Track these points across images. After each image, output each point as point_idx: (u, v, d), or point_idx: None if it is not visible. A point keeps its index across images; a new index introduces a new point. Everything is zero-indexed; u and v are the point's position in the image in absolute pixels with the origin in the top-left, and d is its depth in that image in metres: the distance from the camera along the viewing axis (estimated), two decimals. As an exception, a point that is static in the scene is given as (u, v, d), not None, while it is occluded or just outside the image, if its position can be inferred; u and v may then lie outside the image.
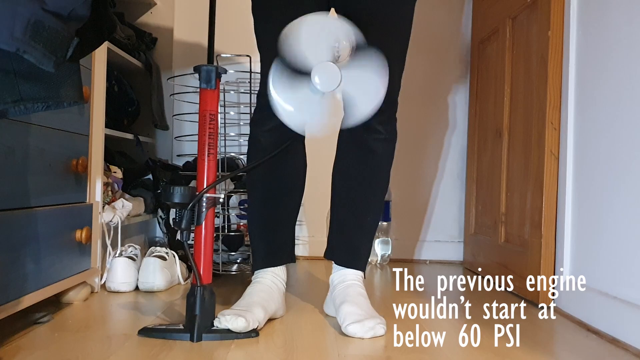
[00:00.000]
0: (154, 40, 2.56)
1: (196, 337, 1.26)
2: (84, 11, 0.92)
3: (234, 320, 1.27)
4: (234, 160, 2.18)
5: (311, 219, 2.64)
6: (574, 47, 1.69)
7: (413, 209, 2.70)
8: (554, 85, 1.74)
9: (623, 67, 1.44)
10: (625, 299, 1.38)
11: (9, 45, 0.82)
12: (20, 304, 1.22)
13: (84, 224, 1.54)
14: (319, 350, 1.23)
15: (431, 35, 2.67)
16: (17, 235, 1.22)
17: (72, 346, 1.20)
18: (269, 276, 1.48)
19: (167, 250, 1.88)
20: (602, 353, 1.31)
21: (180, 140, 2.56)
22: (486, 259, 2.25)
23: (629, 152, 1.40)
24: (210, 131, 1.32)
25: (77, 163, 1.49)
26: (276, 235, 1.52)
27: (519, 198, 1.97)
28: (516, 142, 2.02)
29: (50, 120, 1.37)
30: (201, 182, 1.32)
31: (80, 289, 1.59)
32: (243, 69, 2.50)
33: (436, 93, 2.70)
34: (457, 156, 2.70)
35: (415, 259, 2.70)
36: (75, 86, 1.01)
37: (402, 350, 1.24)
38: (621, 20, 1.46)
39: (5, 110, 0.95)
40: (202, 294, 1.28)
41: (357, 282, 1.48)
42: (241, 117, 2.59)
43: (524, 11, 1.98)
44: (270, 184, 1.51)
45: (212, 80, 1.33)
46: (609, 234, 1.47)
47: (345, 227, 1.52)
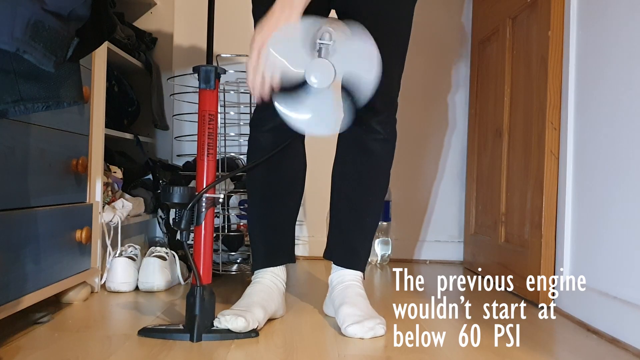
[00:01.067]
0: (154, 40, 2.56)
1: (196, 337, 1.26)
2: (84, 11, 0.92)
3: (234, 320, 1.27)
4: (234, 160, 2.18)
5: (311, 219, 2.64)
6: (574, 47, 1.69)
7: (413, 209, 2.70)
8: (554, 85, 1.74)
9: (623, 67, 1.44)
10: (625, 299, 1.38)
11: (9, 45, 0.82)
12: (20, 304, 1.22)
13: (84, 224, 1.54)
14: (319, 350, 1.23)
15: (431, 35, 2.67)
16: (17, 235, 1.22)
17: (72, 346, 1.20)
18: (268, 276, 1.48)
19: (167, 250, 1.88)
20: (602, 353, 1.31)
21: (180, 140, 2.56)
22: (486, 259, 2.25)
23: (629, 152, 1.40)
24: (209, 131, 1.32)
25: (77, 163, 1.49)
26: (276, 235, 1.52)
27: (519, 198, 1.97)
28: (516, 142, 2.02)
29: (50, 120, 1.36)
30: (200, 182, 1.32)
31: (80, 289, 1.59)
32: (243, 69, 2.51)
33: (436, 93, 2.70)
34: (457, 156, 2.70)
35: (415, 259, 2.70)
36: (75, 86, 1.01)
37: (402, 350, 1.24)
38: (621, 20, 1.46)
39: (5, 110, 0.95)
40: (201, 294, 1.28)
41: (355, 282, 1.48)
42: (241, 117, 2.59)
43: (524, 11, 1.98)
44: (270, 184, 1.51)
45: (211, 80, 1.33)
46: (609, 233, 1.47)
47: (344, 227, 1.52)
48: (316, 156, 1.75)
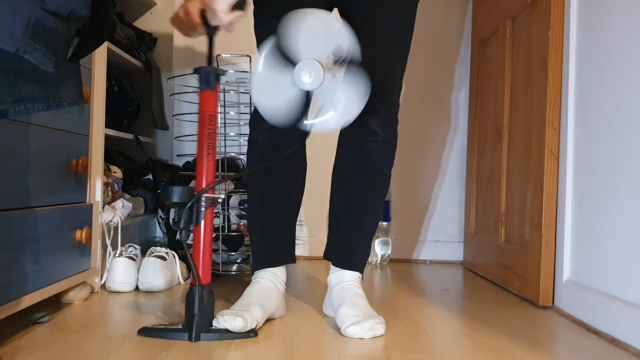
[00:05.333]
0: (154, 40, 2.56)
1: (194, 336, 1.26)
2: (84, 11, 0.92)
3: (232, 320, 1.27)
4: (234, 160, 2.18)
5: (311, 219, 2.64)
6: (574, 47, 1.69)
7: (413, 209, 2.70)
8: (554, 85, 1.74)
9: (623, 67, 1.44)
10: (625, 299, 1.38)
11: (9, 45, 0.82)
12: (20, 304, 1.22)
13: (84, 224, 1.55)
14: (319, 350, 1.23)
15: (431, 35, 2.67)
16: (17, 235, 1.23)
17: (72, 346, 1.20)
18: (267, 276, 1.49)
19: (167, 250, 1.88)
20: (602, 353, 1.31)
21: (180, 140, 2.56)
22: (486, 259, 2.26)
23: (629, 152, 1.40)
24: (209, 132, 1.32)
25: (77, 163, 1.49)
26: (275, 236, 1.52)
27: (519, 198, 1.97)
28: (516, 142, 2.02)
29: (50, 120, 1.37)
30: (200, 182, 1.32)
31: (80, 289, 1.59)
32: (243, 69, 2.51)
33: (436, 93, 2.70)
34: (457, 156, 2.70)
35: (415, 259, 2.70)
36: (75, 86, 1.01)
37: (402, 350, 1.24)
38: (621, 20, 1.46)
39: (5, 110, 0.95)
40: (200, 294, 1.29)
41: (354, 282, 1.48)
42: (241, 117, 2.59)
43: (524, 11, 1.98)
44: (270, 184, 1.50)
45: (210, 81, 1.33)
46: (609, 233, 1.47)
47: (342, 228, 1.51)
48: (317, 156, 1.75)
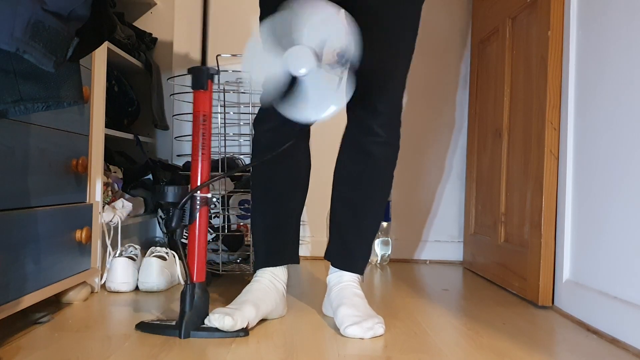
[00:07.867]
0: (154, 40, 2.56)
1: (184, 334, 1.27)
2: (84, 11, 0.92)
3: (221, 318, 1.27)
4: (234, 160, 2.18)
5: (312, 219, 2.64)
6: (574, 47, 1.69)
7: (413, 209, 2.70)
8: (553, 85, 1.74)
9: (623, 67, 1.44)
10: (625, 299, 1.38)
11: (9, 45, 0.82)
12: (20, 304, 1.22)
13: (84, 224, 1.55)
14: (319, 350, 1.23)
15: (431, 35, 2.67)
16: (17, 235, 1.23)
17: (72, 346, 1.20)
18: (267, 276, 1.48)
19: (167, 250, 1.88)
20: (602, 353, 1.31)
21: (180, 140, 2.56)
22: (486, 259, 2.26)
23: (629, 152, 1.40)
24: (202, 132, 1.32)
25: (77, 163, 1.49)
26: (277, 236, 1.51)
27: (518, 198, 1.97)
28: (516, 142, 2.02)
29: (50, 120, 1.37)
30: (194, 182, 1.33)
31: (80, 289, 1.59)
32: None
33: (436, 93, 2.70)
34: (457, 156, 2.70)
35: (415, 259, 2.70)
36: (75, 86, 1.01)
37: (402, 350, 1.24)
38: (621, 20, 1.46)
39: (5, 110, 0.95)
40: (191, 292, 1.29)
41: (352, 283, 1.48)
42: (241, 117, 2.59)
43: (524, 11, 1.98)
44: (273, 183, 1.50)
45: (203, 81, 1.32)
46: (609, 233, 1.47)
47: (342, 229, 1.51)
48: (319, 156, 1.75)
